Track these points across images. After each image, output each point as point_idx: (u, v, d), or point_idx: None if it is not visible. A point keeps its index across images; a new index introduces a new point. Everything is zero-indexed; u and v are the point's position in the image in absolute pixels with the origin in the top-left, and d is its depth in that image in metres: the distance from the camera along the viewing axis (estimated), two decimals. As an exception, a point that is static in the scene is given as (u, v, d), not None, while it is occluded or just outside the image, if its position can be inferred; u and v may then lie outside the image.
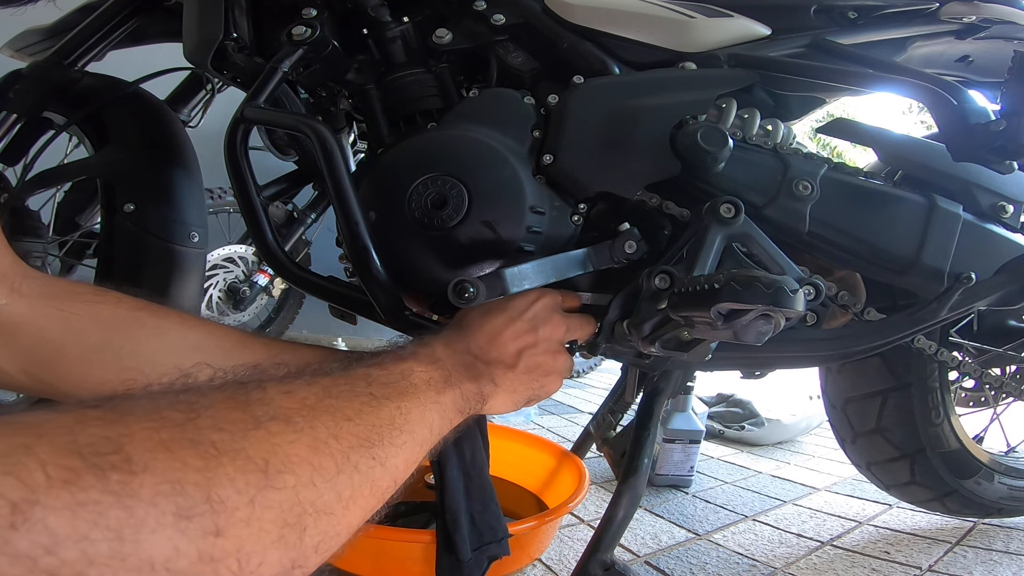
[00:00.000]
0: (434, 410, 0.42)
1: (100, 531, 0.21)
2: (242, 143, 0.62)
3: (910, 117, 5.27)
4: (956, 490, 0.91)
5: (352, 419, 0.34)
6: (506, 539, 0.61)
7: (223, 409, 0.29)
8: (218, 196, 1.65)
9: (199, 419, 0.27)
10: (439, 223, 0.59)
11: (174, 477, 0.24)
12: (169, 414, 0.26)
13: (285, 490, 0.28)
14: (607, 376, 2.52)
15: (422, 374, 0.43)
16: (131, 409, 0.26)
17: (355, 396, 0.36)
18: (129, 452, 0.23)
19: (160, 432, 0.25)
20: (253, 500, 0.26)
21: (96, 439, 0.23)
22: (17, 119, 0.84)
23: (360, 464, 0.32)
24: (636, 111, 0.64)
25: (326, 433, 0.31)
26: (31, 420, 0.23)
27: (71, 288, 0.47)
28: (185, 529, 0.23)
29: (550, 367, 0.55)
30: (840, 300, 0.63)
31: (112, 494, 0.22)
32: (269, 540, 0.26)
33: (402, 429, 0.37)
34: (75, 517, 0.21)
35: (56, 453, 0.22)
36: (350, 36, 0.70)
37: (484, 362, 0.51)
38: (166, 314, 0.49)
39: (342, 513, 0.31)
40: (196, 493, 0.24)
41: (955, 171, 0.67)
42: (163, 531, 0.22)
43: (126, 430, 0.24)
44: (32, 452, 0.21)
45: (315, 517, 0.29)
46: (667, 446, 1.18)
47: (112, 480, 0.22)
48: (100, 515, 0.21)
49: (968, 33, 0.75)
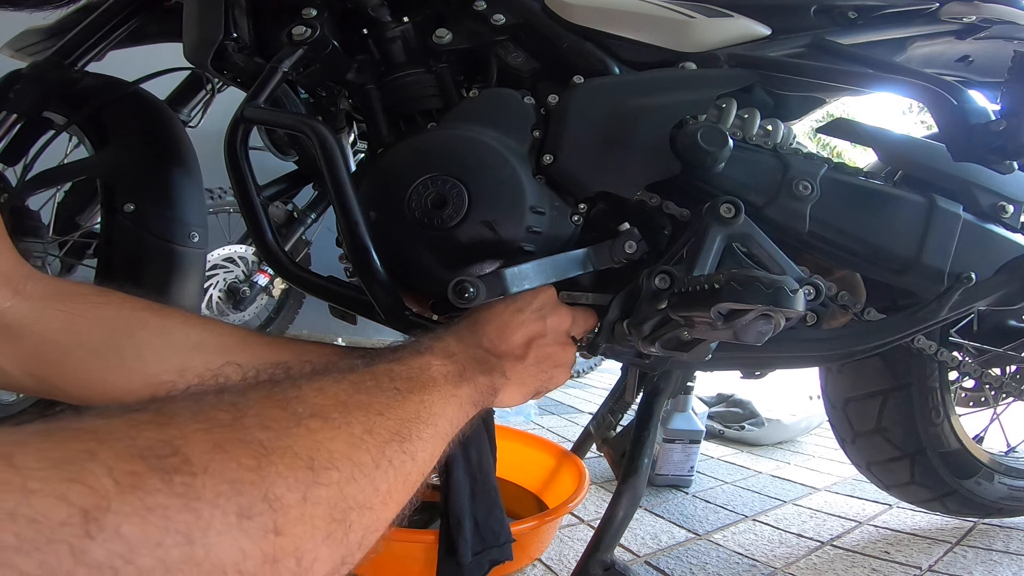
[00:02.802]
0: (453, 403, 0.42)
1: (171, 536, 0.20)
2: (242, 143, 0.62)
3: (910, 117, 5.27)
4: (956, 490, 0.91)
5: (383, 413, 0.34)
6: (509, 544, 0.60)
7: (265, 407, 0.28)
8: (218, 196, 1.66)
9: (245, 418, 0.27)
10: (439, 223, 0.59)
11: (232, 477, 0.23)
12: (215, 414, 0.26)
13: (331, 486, 0.27)
14: (607, 376, 2.51)
15: (440, 368, 0.43)
16: (178, 411, 0.25)
17: (382, 391, 0.36)
18: (187, 454, 0.23)
19: (211, 433, 0.25)
20: (304, 497, 0.26)
21: (153, 442, 0.22)
22: (17, 119, 0.85)
23: (394, 458, 0.32)
24: (636, 111, 0.64)
25: (361, 429, 0.31)
26: (86, 425, 0.22)
27: (74, 289, 0.47)
28: (248, 529, 0.23)
29: (559, 358, 0.56)
30: (840, 300, 0.63)
31: (178, 497, 0.21)
32: (320, 537, 0.26)
33: (427, 423, 0.37)
34: (146, 523, 0.20)
35: (119, 458, 0.21)
36: (350, 36, 0.70)
37: (495, 355, 0.52)
38: (169, 314, 0.50)
39: (380, 507, 0.31)
40: (254, 492, 0.24)
41: (955, 171, 0.67)
42: (229, 533, 0.22)
43: (179, 432, 0.24)
44: (96, 457, 0.20)
45: (358, 512, 0.29)
46: (667, 446, 1.18)
47: (176, 483, 0.21)
48: (169, 519, 0.20)
49: (968, 33, 0.75)
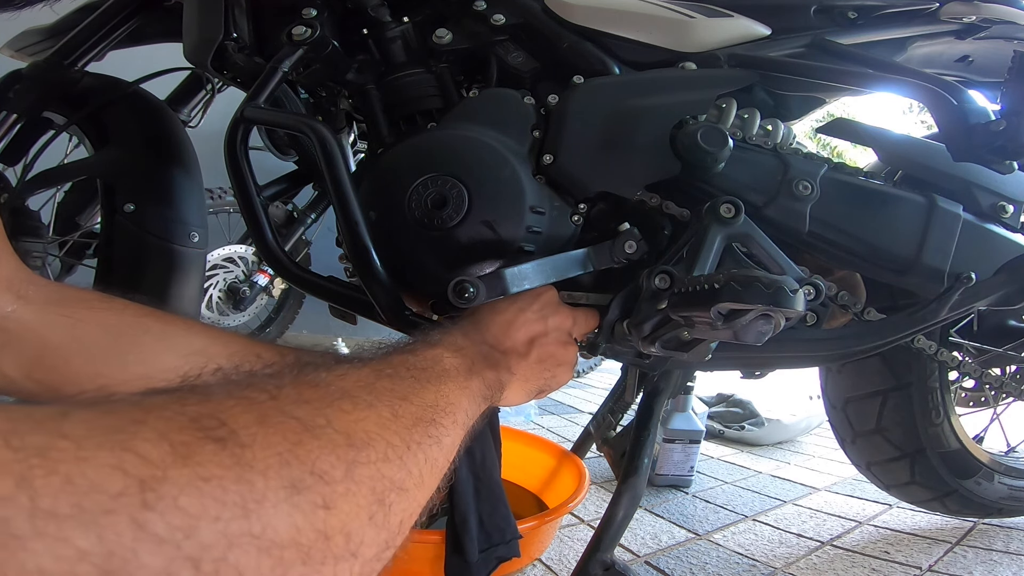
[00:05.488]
0: (466, 395, 0.42)
1: (229, 509, 0.19)
2: (242, 143, 0.62)
3: (910, 117, 5.27)
4: (956, 490, 0.91)
5: (406, 399, 0.34)
6: (515, 540, 0.61)
7: (298, 387, 0.28)
8: (218, 196, 1.66)
9: (280, 396, 0.26)
10: (439, 223, 0.59)
11: (279, 450, 0.23)
12: (251, 393, 0.25)
13: (369, 465, 0.27)
14: (607, 376, 2.52)
15: (451, 360, 0.44)
16: (214, 390, 0.25)
17: (401, 379, 0.36)
18: (232, 426, 0.22)
19: (252, 409, 0.24)
20: (348, 473, 0.25)
21: (200, 414, 0.22)
22: (17, 119, 0.84)
23: (422, 442, 0.32)
24: (636, 111, 0.64)
25: (388, 412, 0.31)
26: (131, 399, 0.21)
27: (76, 294, 0.47)
28: (299, 504, 0.22)
29: (561, 357, 0.56)
30: (840, 300, 0.63)
31: (231, 468, 0.20)
32: (365, 517, 0.26)
33: (445, 411, 0.37)
34: (203, 494, 0.19)
35: (169, 427, 0.20)
36: (350, 36, 0.70)
37: (500, 351, 0.52)
38: (171, 320, 0.49)
39: (414, 490, 0.30)
40: (301, 466, 0.23)
41: (955, 171, 0.67)
42: (281, 506, 0.21)
43: (221, 406, 0.23)
44: (146, 424, 0.19)
45: (396, 494, 0.28)
46: (667, 446, 1.18)
47: (227, 453, 0.21)
48: (224, 491, 0.20)
49: (968, 33, 0.75)
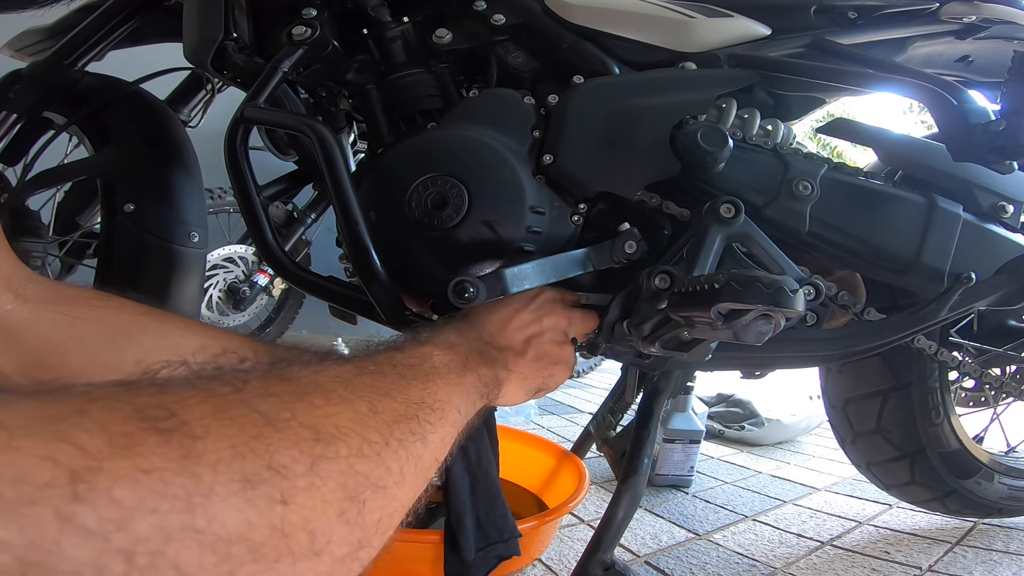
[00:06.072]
0: (458, 392, 0.42)
1: (169, 502, 0.19)
2: (242, 143, 0.62)
3: (910, 117, 5.27)
4: (956, 490, 0.91)
5: (388, 395, 0.33)
6: (514, 539, 0.61)
7: (266, 381, 0.28)
8: (218, 196, 1.66)
9: (245, 390, 0.26)
10: (439, 223, 0.59)
11: (233, 443, 0.22)
12: (213, 385, 0.25)
13: (339, 459, 0.26)
14: (607, 376, 2.51)
15: (441, 357, 0.43)
16: (175, 382, 0.25)
17: (384, 376, 0.35)
18: (184, 418, 0.22)
19: (210, 400, 0.23)
20: (311, 468, 0.24)
21: (149, 405, 0.21)
22: (17, 119, 0.84)
23: (404, 438, 0.32)
24: (636, 111, 0.64)
25: (366, 407, 0.31)
26: (81, 389, 0.21)
27: (75, 293, 0.47)
28: (252, 499, 0.21)
29: (557, 356, 0.56)
30: (840, 300, 0.63)
31: (176, 460, 0.20)
32: (333, 514, 0.25)
33: (433, 408, 0.37)
34: (141, 486, 0.18)
35: (112, 417, 0.20)
36: (350, 36, 0.70)
37: (496, 348, 0.52)
38: (170, 319, 0.49)
39: (394, 488, 0.30)
40: (257, 459, 0.22)
41: (955, 171, 0.67)
42: (232, 500, 0.21)
43: (176, 398, 0.23)
44: (88, 415, 0.19)
45: (372, 491, 0.28)
46: (667, 446, 1.18)
47: (173, 444, 0.20)
48: (167, 483, 0.19)
49: (968, 33, 0.75)
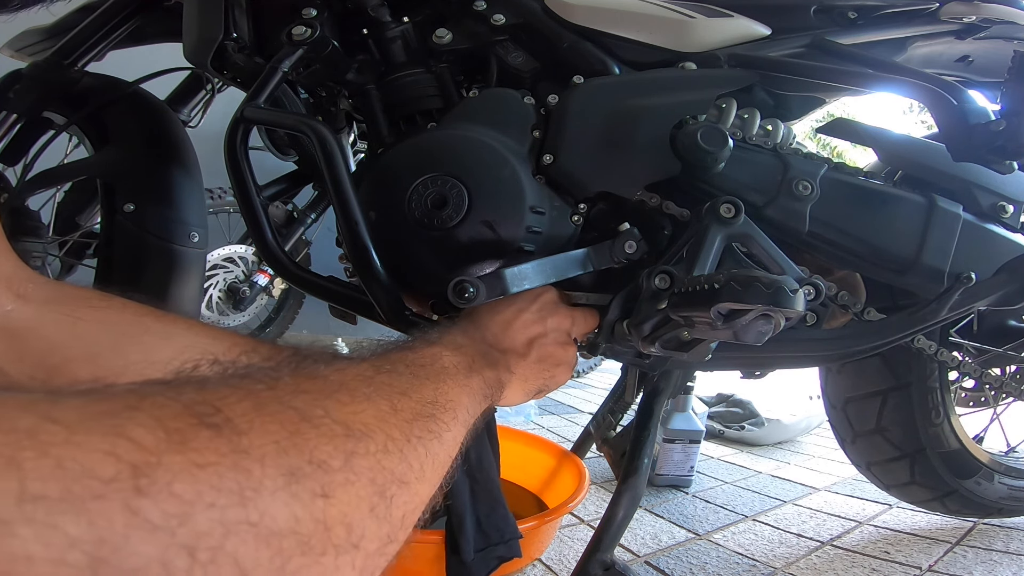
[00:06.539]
0: (466, 393, 0.42)
1: (225, 496, 0.19)
2: (242, 143, 0.62)
3: (910, 117, 5.27)
4: (956, 490, 0.91)
5: (405, 394, 0.34)
6: (515, 540, 0.61)
7: (296, 379, 0.28)
8: (218, 196, 1.66)
9: (278, 387, 0.26)
10: (439, 223, 0.59)
11: (275, 438, 0.22)
12: (248, 383, 0.25)
13: (368, 456, 0.27)
14: (607, 376, 2.51)
15: (450, 358, 0.44)
16: (210, 380, 0.25)
17: (399, 375, 0.36)
18: (228, 414, 0.22)
19: (249, 397, 0.24)
20: (346, 463, 0.25)
21: (196, 401, 0.22)
22: (17, 119, 0.84)
23: (422, 436, 0.32)
24: (636, 111, 0.64)
25: (387, 405, 0.31)
26: (126, 387, 0.21)
27: (77, 293, 0.47)
28: (297, 492, 0.22)
29: (560, 357, 0.56)
30: (840, 300, 0.63)
31: (227, 455, 0.20)
32: (366, 509, 0.25)
33: (445, 407, 0.37)
34: (198, 480, 0.19)
35: (164, 413, 0.20)
36: (350, 36, 0.70)
37: (499, 350, 0.53)
38: (172, 319, 0.49)
39: (416, 484, 0.30)
40: (299, 454, 0.23)
41: (955, 171, 0.67)
42: (279, 494, 0.21)
43: (219, 394, 0.23)
44: (140, 410, 0.19)
45: (398, 487, 0.28)
46: (667, 446, 1.18)
47: (223, 439, 0.20)
48: (220, 478, 0.19)
49: (968, 33, 0.75)
